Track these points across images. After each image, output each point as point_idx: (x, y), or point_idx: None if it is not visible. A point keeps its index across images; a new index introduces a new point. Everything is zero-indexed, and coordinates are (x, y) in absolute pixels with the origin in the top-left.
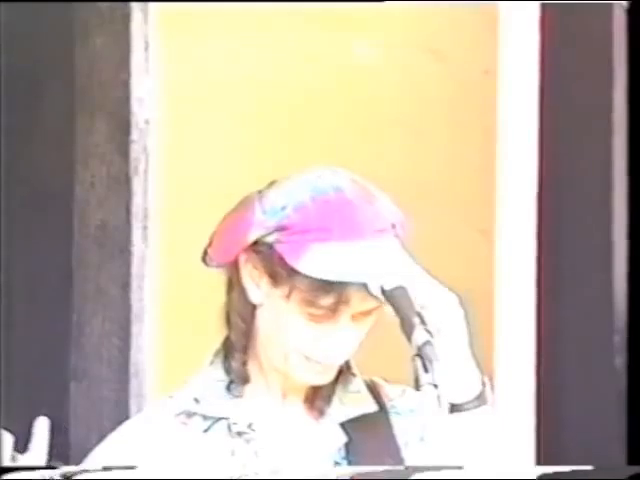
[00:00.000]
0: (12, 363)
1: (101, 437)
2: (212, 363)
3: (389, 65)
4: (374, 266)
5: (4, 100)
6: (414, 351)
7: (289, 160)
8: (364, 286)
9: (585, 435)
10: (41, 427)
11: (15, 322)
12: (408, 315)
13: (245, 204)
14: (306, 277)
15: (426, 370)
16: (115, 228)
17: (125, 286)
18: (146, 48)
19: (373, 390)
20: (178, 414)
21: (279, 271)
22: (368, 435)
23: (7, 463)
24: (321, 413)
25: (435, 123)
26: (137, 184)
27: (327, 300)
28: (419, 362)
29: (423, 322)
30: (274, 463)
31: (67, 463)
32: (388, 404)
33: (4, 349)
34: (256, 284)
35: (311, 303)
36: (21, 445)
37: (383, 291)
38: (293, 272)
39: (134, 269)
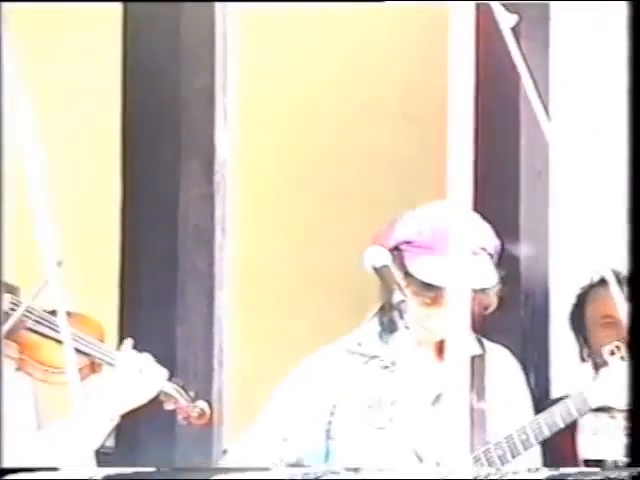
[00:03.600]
0: (141, 317)
1: (195, 360)
2: (371, 319)
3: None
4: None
5: (133, 144)
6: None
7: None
8: None
9: None
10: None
11: (141, 288)
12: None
13: (394, 220)
14: (413, 278)
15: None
16: (204, 228)
17: (210, 265)
18: (225, 115)
19: (479, 341)
20: (348, 351)
21: (401, 269)
22: (476, 371)
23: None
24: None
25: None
26: (219, 200)
27: (429, 294)
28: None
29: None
30: (411, 392)
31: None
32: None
33: (137, 306)
34: None
35: (419, 294)
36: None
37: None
38: (407, 273)
39: (216, 254)
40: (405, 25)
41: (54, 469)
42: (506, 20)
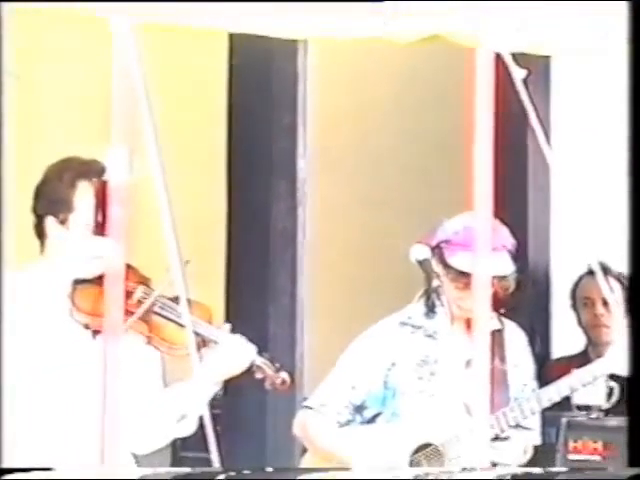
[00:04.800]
0: (242, 299)
1: (282, 331)
2: (418, 300)
3: None
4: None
5: (236, 168)
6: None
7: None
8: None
9: None
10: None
11: (242, 277)
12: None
13: (435, 227)
14: (451, 268)
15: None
16: (290, 230)
17: (294, 258)
18: (305, 145)
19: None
20: (401, 323)
21: (442, 262)
22: (498, 342)
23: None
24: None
25: None
26: (300, 210)
27: (463, 280)
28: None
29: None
30: (448, 355)
31: (266, 349)
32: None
33: (238, 292)
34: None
35: (456, 280)
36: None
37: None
38: (446, 265)
39: (298, 250)
40: (440, 74)
41: (51, 469)
42: (518, 73)
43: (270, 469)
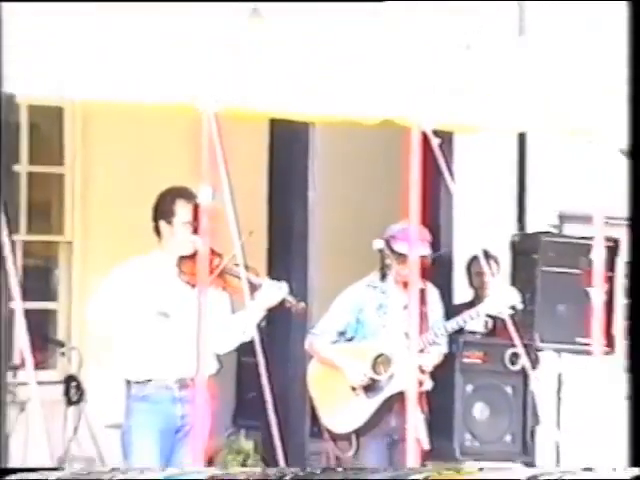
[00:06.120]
0: (278, 266)
1: (299, 287)
2: (377, 271)
3: None
4: (416, 251)
5: (276, 193)
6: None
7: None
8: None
9: None
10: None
11: (277, 256)
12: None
13: (389, 229)
14: (396, 252)
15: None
16: (303, 232)
17: (306, 248)
18: (313, 186)
19: (424, 282)
20: (367, 285)
21: (390, 248)
22: (423, 295)
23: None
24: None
25: None
26: (311, 221)
27: (402, 260)
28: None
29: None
30: (394, 303)
31: (292, 290)
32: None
33: (276, 261)
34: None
35: (398, 259)
36: None
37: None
38: (393, 250)
39: (309, 243)
40: (389, 143)
41: (55, 469)
42: (435, 141)
43: (340, 469)
